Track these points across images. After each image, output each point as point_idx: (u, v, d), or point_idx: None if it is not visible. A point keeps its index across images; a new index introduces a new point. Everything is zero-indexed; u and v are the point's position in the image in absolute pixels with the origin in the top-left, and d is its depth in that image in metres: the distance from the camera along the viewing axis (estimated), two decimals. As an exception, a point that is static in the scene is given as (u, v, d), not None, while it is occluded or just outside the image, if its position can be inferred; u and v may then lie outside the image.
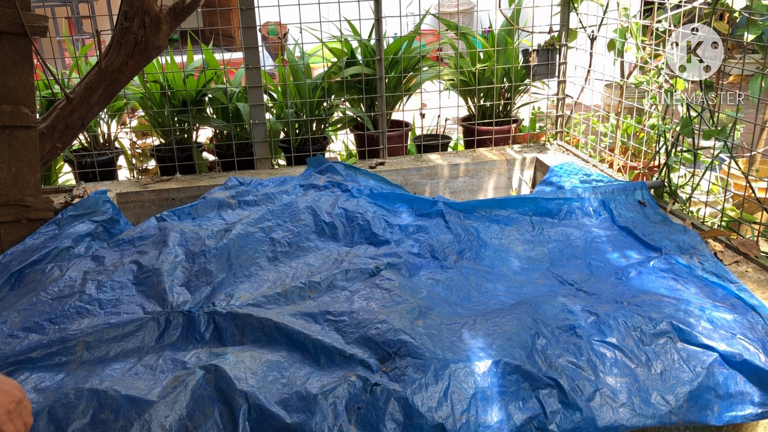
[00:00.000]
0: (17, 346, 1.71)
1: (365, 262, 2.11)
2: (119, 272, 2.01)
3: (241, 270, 2.07)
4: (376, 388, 1.54)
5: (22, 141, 2.30)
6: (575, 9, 3.30)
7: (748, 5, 2.41)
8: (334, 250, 2.23)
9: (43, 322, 1.81)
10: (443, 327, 1.75)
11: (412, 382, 1.54)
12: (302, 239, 2.24)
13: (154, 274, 1.99)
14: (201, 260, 2.06)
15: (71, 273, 2.01)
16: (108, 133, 3.40)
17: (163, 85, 3.20)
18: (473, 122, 3.50)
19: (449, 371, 1.57)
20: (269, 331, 1.76)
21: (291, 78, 3.37)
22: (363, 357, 1.63)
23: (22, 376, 1.63)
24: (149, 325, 1.82)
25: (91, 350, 1.73)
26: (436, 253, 2.23)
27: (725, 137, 2.44)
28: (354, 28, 3.49)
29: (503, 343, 1.65)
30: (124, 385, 1.56)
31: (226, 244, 2.12)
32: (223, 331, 1.80)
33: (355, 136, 3.57)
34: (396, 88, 3.42)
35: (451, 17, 7.59)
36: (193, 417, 1.50)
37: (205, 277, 2.00)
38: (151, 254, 2.09)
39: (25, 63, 2.26)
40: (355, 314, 1.78)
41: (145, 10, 2.42)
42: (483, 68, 3.49)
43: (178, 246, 2.13)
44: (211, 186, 2.93)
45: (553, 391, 1.58)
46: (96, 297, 1.90)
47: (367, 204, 2.47)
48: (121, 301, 1.90)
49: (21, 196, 2.32)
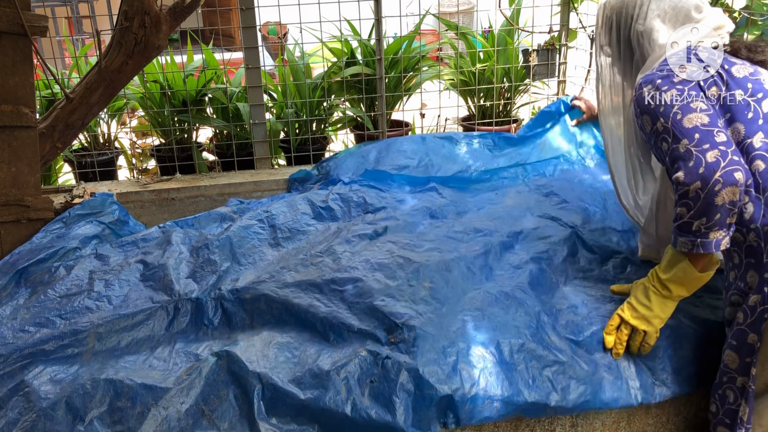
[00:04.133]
0: (29, 339, 1.73)
1: (364, 228, 2.15)
2: (126, 271, 2.03)
3: (245, 258, 2.10)
4: (387, 361, 1.57)
5: (22, 141, 2.30)
6: (575, 9, 3.30)
7: (748, 5, 2.41)
8: (333, 226, 2.28)
9: (54, 317, 1.84)
10: (449, 290, 1.80)
11: (421, 354, 1.57)
12: (301, 224, 2.29)
13: (160, 269, 2.02)
14: (204, 252, 2.10)
15: (77, 272, 2.03)
16: (108, 133, 3.40)
17: (163, 85, 3.20)
18: (473, 122, 3.50)
19: (457, 345, 1.61)
20: (277, 313, 1.79)
21: (291, 78, 3.37)
22: (371, 330, 1.67)
23: (36, 370, 1.64)
24: (158, 314, 1.84)
25: (102, 341, 1.75)
26: (435, 213, 2.31)
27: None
28: (354, 28, 3.49)
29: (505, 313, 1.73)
30: (139, 374, 1.60)
31: (228, 236, 2.16)
32: (232, 316, 1.83)
33: (355, 136, 3.57)
34: (396, 88, 3.42)
35: (451, 17, 7.59)
36: (208, 401, 1.54)
37: (210, 267, 2.04)
38: (155, 253, 2.12)
39: (25, 63, 2.26)
40: (359, 282, 1.80)
41: (145, 10, 2.42)
42: (483, 68, 3.49)
43: (182, 245, 2.17)
44: (211, 186, 2.94)
45: (561, 367, 1.64)
46: (105, 294, 1.93)
47: (359, 187, 2.56)
48: (129, 297, 1.93)
49: (21, 196, 2.32)
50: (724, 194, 1.45)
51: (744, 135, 1.56)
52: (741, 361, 1.59)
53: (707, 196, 1.46)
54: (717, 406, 1.66)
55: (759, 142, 1.55)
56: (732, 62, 1.65)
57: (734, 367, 1.61)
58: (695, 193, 1.48)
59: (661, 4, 1.79)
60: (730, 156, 1.47)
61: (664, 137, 1.57)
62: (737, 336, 1.59)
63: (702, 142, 1.50)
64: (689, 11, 1.75)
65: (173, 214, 2.95)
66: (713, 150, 1.48)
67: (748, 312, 1.56)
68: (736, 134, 1.57)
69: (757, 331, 1.55)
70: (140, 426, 1.49)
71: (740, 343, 1.59)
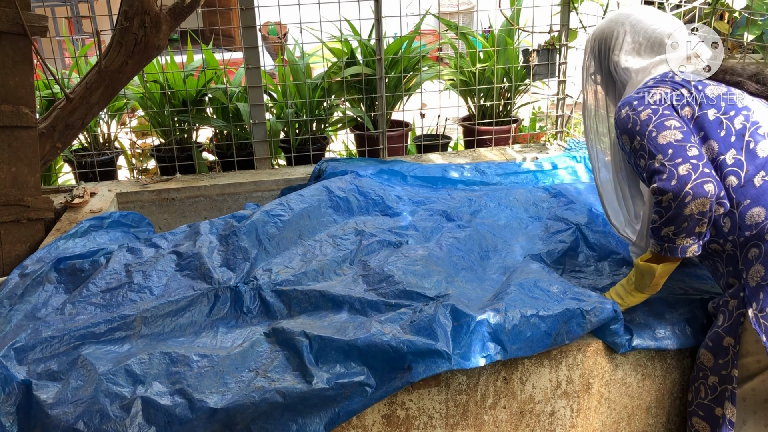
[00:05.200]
0: (80, 325, 1.78)
1: (386, 234, 2.21)
2: (161, 262, 2.08)
3: (270, 244, 2.16)
4: (425, 307, 1.70)
5: (22, 141, 2.30)
6: (575, 9, 3.30)
7: (748, 5, 2.42)
8: (352, 221, 2.32)
9: (99, 309, 1.89)
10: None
11: (456, 301, 1.70)
12: (321, 213, 2.34)
13: (195, 258, 2.07)
14: (233, 240, 2.15)
15: (114, 265, 2.06)
16: (108, 133, 3.40)
17: (163, 85, 3.20)
18: (473, 122, 3.50)
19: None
20: (315, 300, 1.87)
21: (291, 78, 3.36)
22: (408, 303, 1.77)
23: (88, 349, 1.70)
24: (200, 300, 1.90)
25: (149, 325, 1.82)
26: (450, 216, 2.40)
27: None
28: (354, 28, 3.48)
29: None
30: (191, 349, 1.68)
31: (253, 222, 2.21)
32: (270, 306, 1.89)
33: (355, 136, 3.57)
34: (396, 88, 3.42)
35: (451, 17, 7.59)
36: (260, 365, 1.63)
37: (242, 254, 2.10)
38: (186, 244, 2.17)
39: (25, 63, 2.26)
40: (392, 278, 1.89)
41: (145, 10, 2.42)
42: (483, 68, 3.49)
43: (210, 234, 2.22)
44: (211, 186, 2.94)
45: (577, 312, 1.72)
46: (145, 285, 1.98)
47: (373, 182, 2.61)
48: (169, 286, 1.98)
49: (21, 196, 2.32)
50: (693, 206, 1.52)
51: (717, 151, 1.63)
52: (715, 361, 1.66)
53: (677, 207, 1.54)
54: (692, 396, 1.75)
55: (731, 159, 1.61)
56: (706, 83, 1.72)
57: (709, 366, 1.68)
58: (667, 203, 1.55)
59: (636, 37, 1.86)
60: (701, 169, 1.54)
61: (641, 154, 1.64)
62: (713, 338, 1.67)
63: (675, 156, 1.57)
64: (662, 41, 1.82)
65: (173, 214, 2.95)
66: (685, 164, 1.55)
67: (726, 315, 1.64)
68: (710, 151, 1.63)
69: (733, 335, 1.62)
70: (199, 383, 1.56)
71: (716, 345, 1.66)
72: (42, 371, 1.63)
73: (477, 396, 1.71)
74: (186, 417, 1.50)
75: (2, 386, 1.56)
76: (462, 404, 1.70)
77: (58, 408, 1.52)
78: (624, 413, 1.83)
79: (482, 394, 1.71)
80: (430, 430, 1.70)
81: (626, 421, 1.84)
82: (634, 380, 1.80)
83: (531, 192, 2.59)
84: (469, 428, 1.73)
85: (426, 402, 1.67)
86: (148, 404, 1.52)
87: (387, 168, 2.83)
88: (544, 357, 1.72)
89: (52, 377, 1.62)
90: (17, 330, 1.79)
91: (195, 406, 1.51)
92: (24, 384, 1.57)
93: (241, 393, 1.53)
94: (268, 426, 1.53)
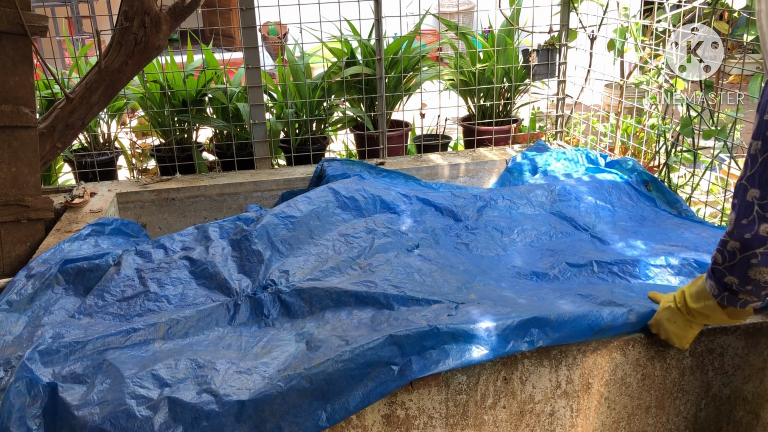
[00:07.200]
0: (101, 332, 1.78)
1: (397, 232, 2.22)
2: (174, 269, 2.06)
3: (283, 246, 2.15)
4: (461, 305, 1.72)
5: (22, 141, 2.30)
6: (575, 9, 3.30)
7: (748, 5, 2.42)
8: (362, 220, 2.33)
9: (116, 321, 1.89)
10: None
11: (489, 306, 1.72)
12: (329, 213, 2.33)
13: (209, 266, 2.06)
14: (246, 244, 2.14)
15: (125, 271, 2.04)
16: (108, 133, 3.40)
17: (163, 85, 3.20)
18: (473, 122, 3.50)
19: None
20: (336, 296, 1.86)
21: (291, 78, 3.37)
22: (437, 299, 1.78)
23: (113, 354, 1.69)
24: (219, 311, 1.90)
25: (171, 333, 1.81)
26: (458, 215, 2.41)
27: (725, 137, 2.44)
28: (354, 28, 3.49)
29: None
30: (216, 355, 1.68)
31: (264, 224, 2.20)
32: (291, 306, 1.89)
33: (355, 136, 3.57)
34: (396, 88, 3.42)
35: (451, 17, 7.59)
36: (289, 368, 1.60)
37: (256, 258, 2.09)
38: (198, 249, 2.15)
39: (25, 63, 2.26)
40: (414, 275, 1.90)
41: (145, 10, 2.42)
42: (483, 68, 3.49)
43: (221, 239, 2.21)
44: (211, 186, 2.94)
45: None
46: (162, 294, 1.96)
47: (377, 182, 2.62)
48: (186, 295, 1.97)
49: (21, 196, 2.32)
50: (760, 270, 1.31)
51: None
52: None
53: (742, 262, 1.32)
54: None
55: None
56: None
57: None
58: (732, 250, 1.35)
59: None
60: None
61: None
62: None
63: None
64: None
65: (173, 214, 2.95)
66: None
67: None
68: None
69: None
70: (227, 383, 1.56)
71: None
72: (67, 374, 1.63)
73: (477, 396, 1.71)
74: (213, 412, 1.49)
75: (28, 389, 1.55)
76: (462, 404, 1.70)
77: (84, 409, 1.52)
78: (624, 413, 1.83)
79: (482, 394, 1.71)
80: (430, 430, 1.70)
81: (626, 421, 1.84)
82: (634, 380, 1.80)
83: (534, 189, 2.60)
84: (469, 428, 1.73)
85: (426, 402, 1.67)
86: (174, 403, 1.51)
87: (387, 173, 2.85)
88: (544, 357, 1.72)
89: (77, 380, 1.62)
90: (33, 332, 1.79)
91: (222, 400, 1.50)
92: (50, 386, 1.57)
93: (267, 384, 1.53)
94: (299, 420, 1.52)
